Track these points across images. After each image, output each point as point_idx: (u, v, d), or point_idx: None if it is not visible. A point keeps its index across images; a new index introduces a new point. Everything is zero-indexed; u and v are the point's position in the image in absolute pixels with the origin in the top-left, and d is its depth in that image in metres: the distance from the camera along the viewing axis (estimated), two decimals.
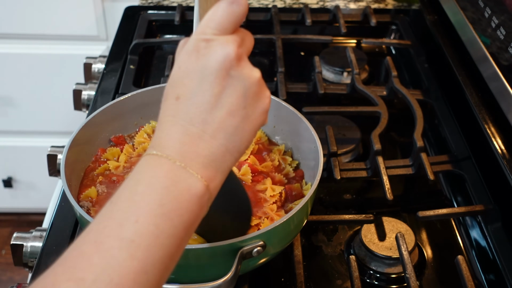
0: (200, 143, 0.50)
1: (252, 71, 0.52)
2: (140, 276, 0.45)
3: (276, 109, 0.91)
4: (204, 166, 0.50)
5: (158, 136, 0.51)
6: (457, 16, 1.06)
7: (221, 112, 0.51)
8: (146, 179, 0.49)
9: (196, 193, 0.49)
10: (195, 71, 0.51)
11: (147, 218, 0.47)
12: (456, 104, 1.10)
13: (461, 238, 0.92)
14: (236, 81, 0.51)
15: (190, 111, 0.51)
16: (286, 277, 0.83)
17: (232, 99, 0.51)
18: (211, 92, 0.50)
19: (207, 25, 0.51)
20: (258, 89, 0.52)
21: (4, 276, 2.02)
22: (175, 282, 0.72)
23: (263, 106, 0.53)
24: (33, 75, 1.69)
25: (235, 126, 0.52)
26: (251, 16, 1.36)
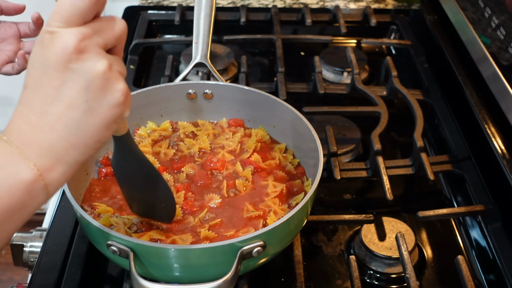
0: (39, 133, 0.51)
1: (96, 64, 0.51)
2: None
3: (276, 109, 0.91)
4: (40, 156, 0.51)
5: (9, 122, 0.53)
6: (457, 16, 1.06)
7: (60, 105, 0.51)
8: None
9: (23, 180, 0.50)
10: (38, 62, 0.52)
11: None
12: (456, 104, 1.10)
13: (461, 238, 0.92)
14: (76, 75, 0.51)
15: (33, 101, 0.52)
16: (286, 277, 0.83)
17: (71, 92, 0.51)
18: (50, 84, 0.51)
19: (52, 17, 0.51)
20: (103, 82, 0.52)
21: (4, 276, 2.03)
22: (175, 282, 0.72)
23: (112, 100, 0.53)
24: None
25: (76, 119, 0.52)
26: (251, 16, 1.37)
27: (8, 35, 0.91)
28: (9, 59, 0.90)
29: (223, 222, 0.78)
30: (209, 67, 0.98)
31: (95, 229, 0.70)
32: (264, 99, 0.92)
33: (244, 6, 1.40)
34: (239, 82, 1.14)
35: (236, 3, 1.47)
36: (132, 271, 0.66)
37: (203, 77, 1.16)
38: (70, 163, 0.53)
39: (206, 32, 1.01)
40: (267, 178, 0.86)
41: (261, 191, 0.84)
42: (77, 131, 0.52)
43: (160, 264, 0.69)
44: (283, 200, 0.82)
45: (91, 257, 0.82)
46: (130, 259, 0.67)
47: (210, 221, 0.78)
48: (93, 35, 0.52)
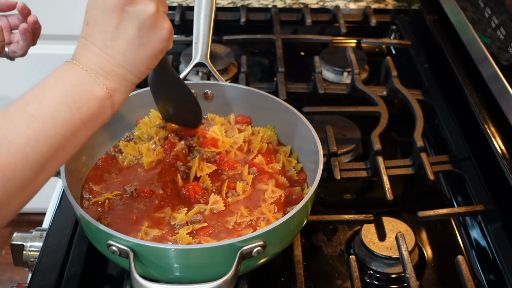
0: (103, 61, 0.63)
1: (147, 6, 0.63)
2: (31, 141, 0.57)
3: (276, 109, 0.91)
4: (107, 79, 0.64)
5: (75, 52, 0.65)
6: (457, 16, 1.06)
7: (119, 41, 0.63)
8: (58, 76, 0.62)
9: (97, 95, 0.62)
10: (99, 4, 0.63)
11: (49, 101, 0.59)
12: (456, 104, 1.10)
13: (461, 238, 0.92)
14: (131, 16, 0.63)
15: (95, 36, 0.63)
16: (286, 277, 0.83)
17: (128, 30, 0.63)
18: (110, 23, 0.63)
19: None
20: (153, 22, 0.64)
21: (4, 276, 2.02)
22: (175, 282, 0.72)
23: (160, 35, 0.65)
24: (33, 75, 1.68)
25: (132, 51, 0.64)
26: (251, 16, 1.37)
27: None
28: (1, 49, 0.91)
29: (207, 228, 0.78)
30: (209, 67, 0.98)
31: (95, 229, 0.70)
32: (264, 99, 0.92)
33: (244, 6, 1.40)
34: (239, 82, 1.14)
35: (236, 3, 1.47)
36: (132, 271, 0.66)
37: (203, 77, 1.16)
38: (128, 85, 0.66)
39: (206, 32, 1.01)
40: (267, 182, 0.85)
41: (258, 195, 0.83)
42: (133, 61, 0.64)
43: (160, 264, 0.69)
44: (280, 207, 0.81)
45: (91, 257, 0.82)
46: (130, 259, 0.67)
47: (195, 223, 0.78)
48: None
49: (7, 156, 0.56)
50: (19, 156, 0.56)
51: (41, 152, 0.58)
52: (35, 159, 0.57)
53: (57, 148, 0.59)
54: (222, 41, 1.26)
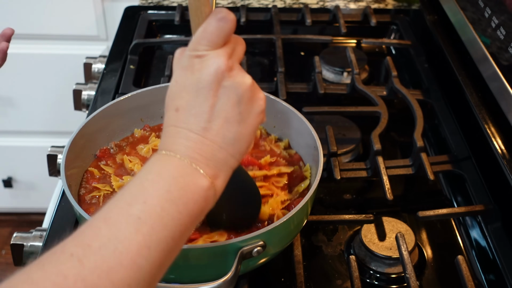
0: (202, 147, 0.56)
1: (244, 78, 0.56)
2: (143, 249, 0.49)
3: (276, 109, 0.91)
4: (208, 166, 0.56)
5: (164, 142, 0.57)
6: (457, 16, 1.06)
7: (218, 121, 0.56)
8: (156, 170, 0.54)
9: (202, 186, 0.55)
10: (191, 85, 0.56)
11: (154, 201, 0.51)
12: (456, 104, 1.10)
13: (461, 238, 0.92)
14: (229, 91, 0.56)
15: (189, 121, 0.56)
16: (286, 277, 0.83)
17: (227, 107, 0.56)
18: (207, 103, 0.56)
19: (199, 42, 0.56)
20: (251, 94, 0.57)
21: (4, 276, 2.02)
22: (175, 282, 0.72)
23: (258, 108, 0.58)
24: (33, 75, 1.68)
25: (233, 131, 0.57)
26: (251, 16, 1.37)
27: None
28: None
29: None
30: None
31: None
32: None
33: (244, 6, 1.40)
34: None
35: (236, 3, 1.47)
36: None
37: None
38: (228, 170, 0.58)
39: None
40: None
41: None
42: (234, 141, 0.57)
43: None
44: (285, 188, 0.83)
45: None
46: None
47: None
48: (233, 53, 0.57)
49: (121, 270, 0.47)
50: (132, 268, 0.48)
51: (154, 261, 0.50)
52: (148, 270, 0.50)
53: (168, 253, 0.52)
54: None
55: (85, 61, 1.30)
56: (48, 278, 0.45)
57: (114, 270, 0.47)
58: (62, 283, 0.45)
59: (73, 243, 0.48)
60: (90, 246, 0.48)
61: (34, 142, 1.83)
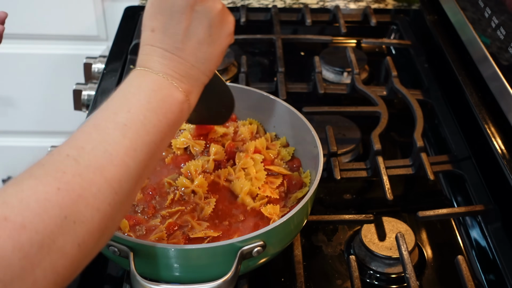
0: (177, 65, 0.62)
1: (215, 3, 0.63)
2: (130, 151, 0.55)
3: (276, 109, 0.91)
4: (182, 82, 0.62)
5: (141, 59, 0.63)
6: (457, 16, 1.06)
7: (191, 42, 0.63)
8: (136, 84, 0.61)
9: (177, 98, 0.61)
10: (166, 8, 0.62)
11: (137, 109, 0.58)
12: (456, 104, 1.10)
13: (461, 238, 0.92)
14: (201, 15, 0.62)
15: (164, 41, 0.62)
16: (286, 277, 0.83)
17: (199, 30, 0.63)
18: (180, 26, 0.62)
19: None
20: (221, 18, 0.64)
21: None
22: (175, 282, 0.72)
23: (227, 30, 0.66)
24: (33, 75, 1.68)
25: (204, 51, 0.64)
26: (251, 16, 1.36)
27: None
28: None
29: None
30: None
31: None
32: (264, 99, 0.92)
33: (244, 6, 1.40)
34: (239, 82, 1.14)
35: (236, 3, 1.47)
36: (132, 271, 0.66)
37: None
38: (200, 86, 0.65)
39: None
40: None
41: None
42: (205, 60, 0.64)
43: (160, 264, 0.69)
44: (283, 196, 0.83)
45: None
46: (130, 259, 0.67)
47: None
48: None
49: (112, 169, 0.53)
50: (122, 167, 0.54)
51: (140, 161, 0.56)
52: (135, 169, 0.56)
53: (151, 155, 0.58)
54: None
55: (85, 61, 1.30)
56: (49, 174, 0.50)
57: (106, 168, 0.53)
58: (62, 177, 0.50)
59: (67, 146, 0.54)
60: (83, 148, 0.53)
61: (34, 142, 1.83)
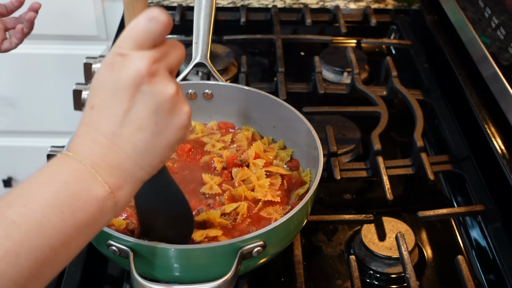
0: (108, 153, 0.52)
1: (166, 87, 0.52)
2: (10, 256, 0.46)
3: (276, 109, 0.91)
4: (111, 175, 0.52)
5: (72, 141, 0.54)
6: (457, 16, 1.06)
7: (130, 127, 0.52)
8: (49, 172, 0.51)
9: (96, 196, 0.51)
10: (108, 84, 0.52)
11: (36, 205, 0.48)
12: (456, 104, 1.10)
13: (461, 238, 0.92)
14: (147, 97, 0.52)
15: (101, 122, 0.52)
16: (286, 277, 0.83)
17: (141, 114, 0.52)
18: (121, 106, 0.52)
19: (125, 39, 0.52)
20: (171, 106, 0.53)
21: None
22: (175, 282, 0.72)
23: (178, 122, 0.54)
24: (33, 75, 1.68)
25: (145, 141, 0.53)
26: (251, 16, 1.36)
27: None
28: (2, 37, 0.97)
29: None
30: (209, 67, 0.98)
31: None
32: (264, 99, 0.92)
33: (244, 6, 1.40)
34: (239, 82, 1.14)
35: (236, 3, 1.47)
36: (132, 271, 0.66)
37: (203, 77, 1.16)
38: (137, 182, 0.55)
39: (206, 32, 1.01)
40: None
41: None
42: (145, 152, 0.53)
43: (160, 264, 0.69)
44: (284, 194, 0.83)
45: (91, 257, 0.82)
46: (130, 259, 0.67)
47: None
48: (161, 59, 0.52)
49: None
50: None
51: (21, 269, 0.47)
52: (13, 277, 0.46)
53: (42, 263, 0.48)
54: (222, 41, 1.26)
55: (85, 61, 1.30)
56: None
57: None
58: None
59: None
60: None
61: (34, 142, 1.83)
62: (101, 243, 0.70)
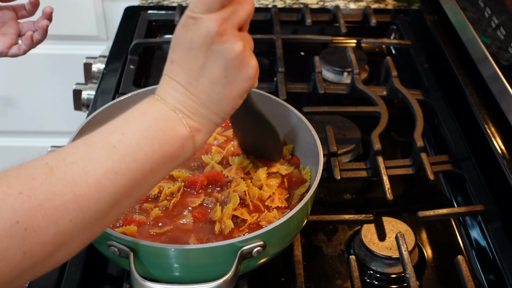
0: (188, 101, 0.60)
1: (234, 45, 0.59)
2: (110, 173, 0.54)
3: (276, 109, 0.91)
4: (190, 118, 0.61)
5: (158, 88, 0.62)
6: (457, 16, 1.06)
7: (204, 80, 0.60)
8: (142, 109, 0.60)
9: (179, 134, 0.60)
10: (184, 43, 0.60)
11: (131, 134, 0.57)
12: (456, 104, 1.10)
13: (461, 238, 0.92)
14: (217, 55, 0.59)
15: (180, 74, 0.61)
16: (286, 277, 0.83)
17: (213, 69, 0.60)
18: (195, 62, 0.60)
19: (195, 4, 0.58)
20: (239, 61, 0.60)
21: None
22: (175, 282, 0.72)
23: (246, 74, 0.61)
24: (33, 75, 1.68)
25: (217, 92, 0.61)
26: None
27: (7, 18, 0.96)
28: (13, 42, 0.95)
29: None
30: None
31: None
32: (264, 99, 0.92)
33: None
34: None
35: None
36: (132, 271, 0.66)
37: None
38: (211, 126, 0.63)
39: None
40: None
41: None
42: (217, 101, 0.61)
43: (160, 264, 0.69)
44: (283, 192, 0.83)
45: (91, 257, 0.82)
46: (130, 259, 0.67)
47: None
48: (229, 18, 0.59)
49: (84, 186, 0.52)
50: (96, 187, 0.53)
51: (118, 186, 0.54)
52: (111, 193, 0.54)
53: (134, 183, 0.56)
54: None
55: (85, 61, 1.30)
56: (19, 177, 0.50)
57: (78, 184, 0.52)
58: (29, 183, 0.50)
59: (52, 155, 0.54)
60: (64, 160, 0.53)
61: (34, 142, 1.83)
62: (101, 243, 0.70)
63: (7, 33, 0.95)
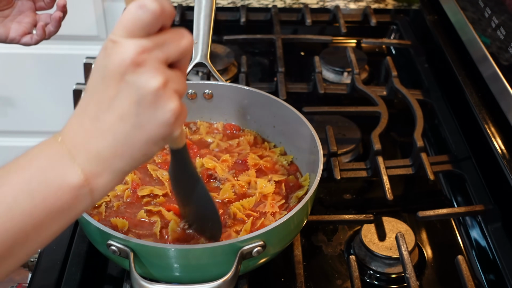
0: (90, 138, 0.52)
1: (151, 79, 0.50)
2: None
3: (276, 109, 0.91)
4: (89, 162, 0.52)
5: (68, 121, 0.54)
6: (457, 16, 1.06)
7: (112, 115, 0.51)
8: (31, 155, 0.53)
9: (68, 183, 0.51)
10: (99, 69, 0.51)
11: (9, 189, 0.50)
12: (456, 104, 1.10)
13: (461, 238, 0.92)
14: (130, 87, 0.50)
15: (90, 105, 0.52)
16: (286, 277, 0.83)
17: (124, 103, 0.51)
18: (106, 92, 0.51)
19: (117, 27, 0.51)
20: (154, 99, 0.50)
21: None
22: (175, 282, 0.72)
23: (161, 118, 0.51)
24: (33, 75, 1.68)
25: (125, 132, 0.51)
26: (251, 16, 1.37)
27: (25, 8, 0.98)
28: (27, 31, 0.97)
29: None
30: (209, 67, 0.98)
31: (95, 229, 0.70)
32: (264, 99, 0.92)
33: (244, 6, 1.40)
34: (239, 82, 1.14)
35: (236, 3, 1.47)
36: (132, 271, 0.66)
37: (203, 77, 1.16)
38: (116, 172, 0.53)
39: (206, 32, 1.01)
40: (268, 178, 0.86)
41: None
42: (125, 143, 0.52)
43: (160, 264, 0.69)
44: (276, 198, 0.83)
45: (91, 257, 0.82)
46: (130, 259, 0.67)
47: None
48: (154, 49, 0.50)
49: None
50: None
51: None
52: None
53: (13, 244, 0.50)
54: (222, 41, 1.26)
55: (85, 61, 1.30)
56: None
57: None
58: None
59: None
60: None
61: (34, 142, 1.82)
62: (101, 243, 0.70)
63: (23, 22, 0.97)
